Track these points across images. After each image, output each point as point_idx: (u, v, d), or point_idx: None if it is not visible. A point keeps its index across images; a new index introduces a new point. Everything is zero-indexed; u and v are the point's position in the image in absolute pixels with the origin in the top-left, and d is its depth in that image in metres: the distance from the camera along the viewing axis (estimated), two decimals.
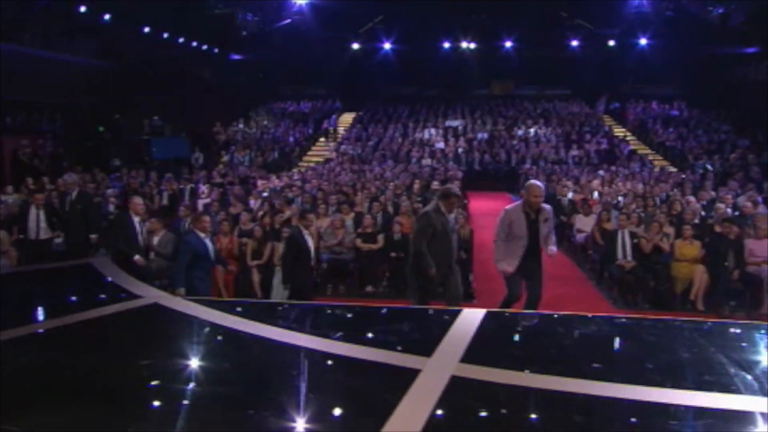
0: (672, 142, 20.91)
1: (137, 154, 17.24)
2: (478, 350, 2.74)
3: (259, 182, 13.53)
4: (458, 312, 3.35)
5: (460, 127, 22.22)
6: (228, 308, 3.35)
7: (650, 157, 20.14)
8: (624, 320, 4.05)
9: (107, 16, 17.68)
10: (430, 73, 25.87)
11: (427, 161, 18.43)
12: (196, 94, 22.99)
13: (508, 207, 5.90)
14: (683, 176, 14.98)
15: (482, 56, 25.23)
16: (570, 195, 11.65)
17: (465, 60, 25.31)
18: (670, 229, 8.01)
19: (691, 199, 10.25)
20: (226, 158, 19.22)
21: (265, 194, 11.70)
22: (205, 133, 21.68)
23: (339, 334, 2.84)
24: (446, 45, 24.95)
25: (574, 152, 19.83)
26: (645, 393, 2.22)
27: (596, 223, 8.80)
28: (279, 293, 7.34)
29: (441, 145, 20.37)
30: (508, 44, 24.60)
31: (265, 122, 23.81)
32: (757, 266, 6.98)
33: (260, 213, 9.31)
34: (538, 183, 5.81)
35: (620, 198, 11.12)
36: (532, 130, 21.42)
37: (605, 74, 26.04)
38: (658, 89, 26.54)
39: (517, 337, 3.26)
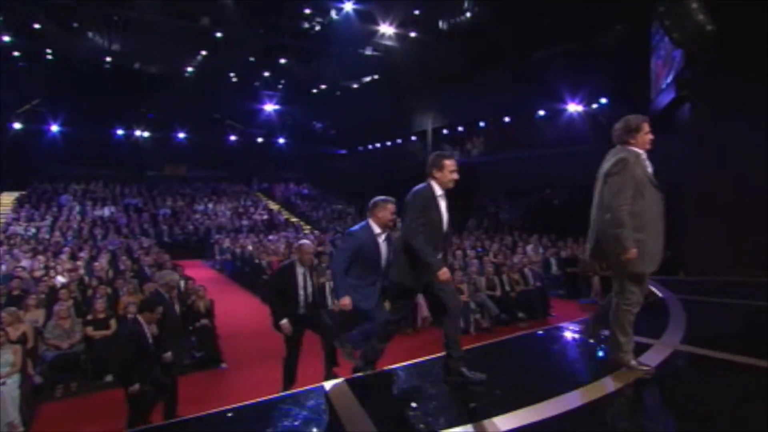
0: (310, 212, 23.15)
1: None
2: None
3: None
4: (322, 390, 3.03)
5: (139, 204, 19.63)
6: None
7: (298, 223, 21.78)
8: None
9: None
10: (104, 154, 22.17)
11: (114, 237, 15.57)
12: None
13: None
14: (326, 237, 16.67)
15: (156, 143, 23.18)
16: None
17: (140, 145, 22.73)
18: None
19: None
20: None
21: None
22: None
23: None
24: (120, 131, 21.95)
25: (245, 222, 19.90)
26: None
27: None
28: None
29: (124, 220, 17.56)
30: (181, 135, 23.37)
31: None
32: None
33: None
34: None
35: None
36: (210, 206, 20.55)
37: (256, 162, 27.29)
38: (293, 174, 29.16)
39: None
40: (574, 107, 17.59)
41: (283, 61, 21.92)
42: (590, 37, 15.79)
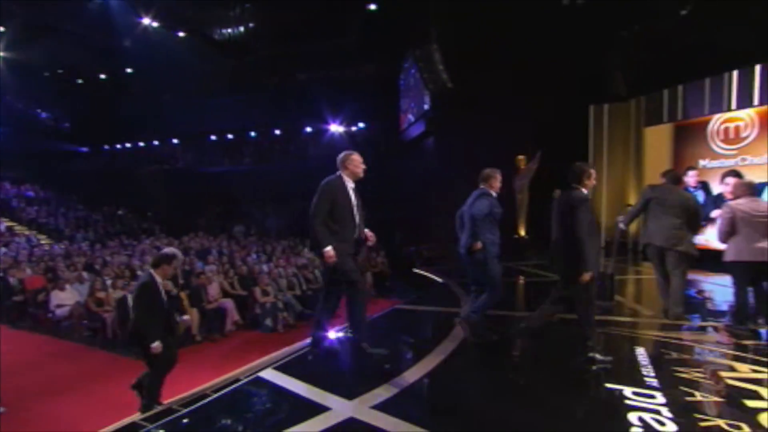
0: (45, 218, 18.60)
1: None
2: None
3: None
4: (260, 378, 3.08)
5: None
6: None
7: (27, 233, 17.20)
8: None
9: None
10: None
11: None
12: None
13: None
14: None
15: None
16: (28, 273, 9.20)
17: None
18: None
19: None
20: None
21: None
22: None
23: None
24: None
25: None
26: None
27: (89, 294, 7.57)
28: None
29: None
30: None
31: None
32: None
33: None
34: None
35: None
36: None
37: None
38: (9, 173, 22.61)
39: None
40: (335, 127, 19.51)
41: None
42: (349, 68, 17.87)
